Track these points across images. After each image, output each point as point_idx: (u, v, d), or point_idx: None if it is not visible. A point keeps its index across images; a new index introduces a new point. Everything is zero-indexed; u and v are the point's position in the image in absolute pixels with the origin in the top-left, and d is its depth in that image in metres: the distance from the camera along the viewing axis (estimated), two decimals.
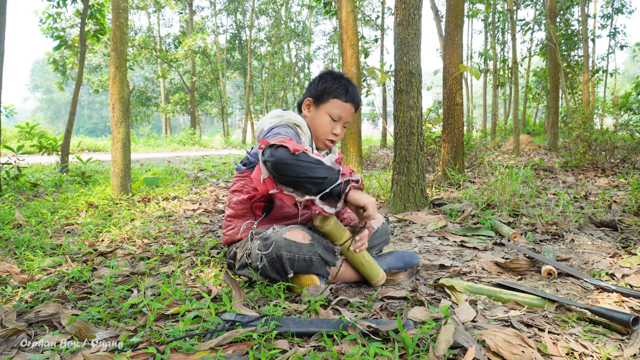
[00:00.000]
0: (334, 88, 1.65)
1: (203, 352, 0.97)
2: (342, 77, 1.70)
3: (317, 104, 1.68)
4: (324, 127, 1.66)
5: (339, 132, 1.68)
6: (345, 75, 1.73)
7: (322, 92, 1.67)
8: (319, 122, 1.67)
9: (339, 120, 1.67)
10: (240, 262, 1.53)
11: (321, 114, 1.66)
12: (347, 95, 1.66)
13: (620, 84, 23.76)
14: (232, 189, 1.66)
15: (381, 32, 15.37)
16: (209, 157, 9.80)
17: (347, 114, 1.68)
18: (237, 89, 35.56)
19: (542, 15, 12.78)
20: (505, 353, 0.97)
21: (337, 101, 1.65)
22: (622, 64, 46.77)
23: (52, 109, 57.00)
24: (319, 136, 1.68)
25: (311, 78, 1.77)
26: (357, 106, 1.71)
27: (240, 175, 1.65)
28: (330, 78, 1.68)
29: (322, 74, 1.72)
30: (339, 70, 1.78)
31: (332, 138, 1.68)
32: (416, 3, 2.91)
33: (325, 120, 1.66)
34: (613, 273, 1.61)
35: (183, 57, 18.02)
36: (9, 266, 1.64)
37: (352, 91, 1.67)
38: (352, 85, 1.69)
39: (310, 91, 1.72)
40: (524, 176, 3.74)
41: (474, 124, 19.34)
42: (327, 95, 1.66)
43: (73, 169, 5.08)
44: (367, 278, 1.50)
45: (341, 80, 1.67)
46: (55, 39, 6.20)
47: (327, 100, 1.66)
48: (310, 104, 1.70)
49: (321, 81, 1.68)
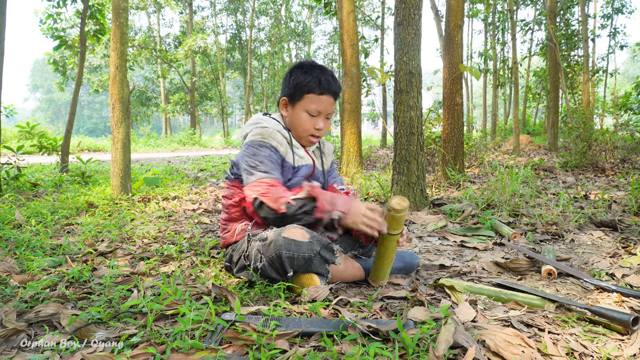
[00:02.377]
0: (305, 83, 1.55)
1: (203, 352, 0.97)
2: (313, 67, 1.58)
3: (292, 102, 1.60)
4: (304, 124, 1.58)
5: (322, 125, 1.60)
6: (316, 64, 1.61)
7: (294, 89, 1.57)
8: (298, 121, 1.59)
9: (318, 115, 1.58)
10: (239, 265, 1.52)
11: (298, 112, 1.58)
12: (321, 87, 1.55)
13: (620, 84, 23.74)
14: (224, 195, 1.67)
15: (381, 32, 15.36)
16: (209, 157, 9.80)
17: (326, 106, 1.58)
18: (237, 89, 35.56)
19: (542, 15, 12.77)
20: (505, 353, 0.97)
21: (312, 96, 1.55)
22: (622, 64, 46.79)
23: (52, 109, 56.99)
24: (301, 134, 1.61)
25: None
26: (335, 95, 1.60)
27: (230, 183, 1.64)
28: (300, 72, 1.57)
29: (291, 69, 1.61)
30: (311, 60, 1.67)
31: (316, 133, 1.61)
32: (416, 3, 2.91)
33: (304, 117, 1.58)
34: (613, 273, 1.61)
35: (183, 57, 18.02)
36: (9, 266, 1.64)
37: (325, 81, 1.56)
38: (325, 74, 1.57)
39: (284, 89, 1.63)
40: (524, 176, 3.74)
41: (474, 124, 19.36)
42: (300, 91, 1.56)
43: (73, 169, 5.08)
44: (377, 276, 1.48)
45: (312, 72, 1.56)
46: (55, 39, 6.20)
47: (302, 97, 1.57)
48: (286, 103, 1.62)
49: (292, 77, 1.58)
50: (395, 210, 1.32)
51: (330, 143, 1.81)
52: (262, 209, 1.43)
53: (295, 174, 1.58)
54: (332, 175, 1.76)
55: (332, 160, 1.79)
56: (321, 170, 1.69)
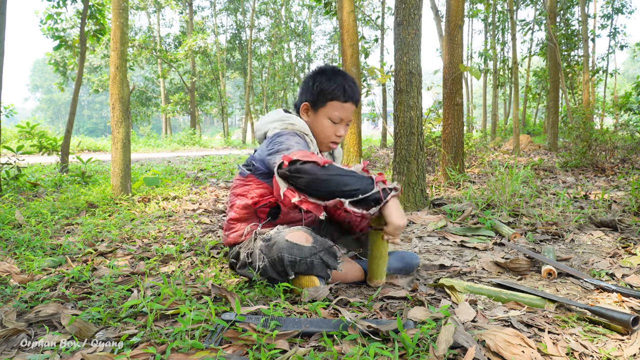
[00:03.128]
0: (330, 90, 1.55)
1: (203, 352, 0.97)
2: (336, 74, 1.58)
3: (315, 108, 1.59)
4: (326, 131, 1.58)
5: (343, 133, 1.61)
6: (338, 70, 1.61)
7: (318, 95, 1.57)
8: (320, 127, 1.58)
9: (340, 122, 1.59)
10: (242, 262, 1.52)
11: (321, 119, 1.58)
12: (346, 94, 1.56)
13: (620, 84, 23.74)
14: (236, 193, 1.60)
15: (381, 32, 15.37)
16: (209, 157, 9.80)
17: (348, 114, 1.59)
18: (237, 89, 35.55)
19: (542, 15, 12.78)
20: (505, 353, 0.97)
21: (336, 103, 1.56)
22: (622, 64, 46.78)
23: (52, 109, 57.01)
24: (322, 140, 1.61)
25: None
26: (357, 102, 1.61)
27: (243, 179, 1.59)
28: (325, 79, 1.56)
29: (314, 75, 1.61)
30: (332, 65, 1.67)
31: (336, 140, 1.61)
32: (416, 3, 2.91)
33: (326, 124, 1.58)
34: (613, 273, 1.61)
35: (183, 57, 18.02)
36: (9, 266, 1.64)
37: (349, 89, 1.57)
38: (348, 81, 1.58)
39: (305, 94, 1.61)
40: (524, 176, 3.74)
41: (474, 124, 19.35)
42: (324, 98, 1.56)
43: (73, 169, 5.08)
44: (372, 275, 1.47)
45: (336, 79, 1.56)
46: (55, 39, 6.20)
47: (325, 104, 1.56)
48: (308, 109, 1.61)
49: (315, 83, 1.57)
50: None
51: (340, 148, 1.79)
52: (305, 167, 1.28)
53: None
54: None
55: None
56: None
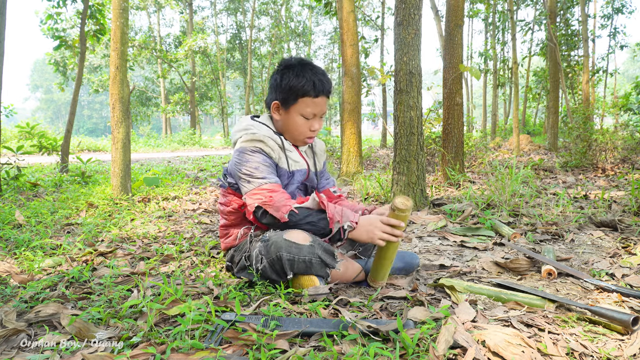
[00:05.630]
0: (300, 86, 1.47)
1: (203, 352, 0.97)
2: (304, 68, 1.49)
3: (285, 106, 1.52)
4: (300, 128, 1.54)
5: (317, 127, 1.55)
6: (305, 62, 1.53)
7: (287, 93, 1.50)
8: (293, 125, 1.53)
9: (313, 117, 1.53)
10: (239, 265, 1.52)
11: (293, 116, 1.52)
12: (316, 89, 1.48)
13: (620, 84, 23.74)
14: (220, 202, 1.63)
15: (381, 32, 15.36)
16: (209, 157, 9.80)
17: (321, 107, 1.53)
18: (237, 89, 35.57)
19: (542, 15, 12.77)
20: (505, 353, 0.97)
21: (307, 99, 1.49)
22: (622, 64, 46.77)
23: (52, 109, 57.01)
24: (297, 137, 1.57)
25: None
26: (328, 94, 1.54)
27: (224, 191, 1.61)
28: (293, 75, 1.48)
29: (282, 71, 1.51)
30: (298, 57, 1.57)
31: (311, 135, 1.57)
32: (416, 3, 2.91)
33: (299, 121, 1.52)
34: (613, 273, 1.61)
35: (183, 57, 18.02)
36: (9, 266, 1.64)
37: (319, 83, 1.49)
38: (317, 74, 1.49)
39: (275, 93, 1.54)
40: (524, 176, 3.74)
41: (474, 124, 19.34)
42: (294, 95, 1.49)
43: (73, 169, 5.08)
44: (375, 276, 1.47)
45: (305, 74, 1.47)
46: (55, 39, 6.20)
47: (296, 101, 1.50)
48: (279, 107, 1.55)
49: (284, 80, 1.49)
50: (399, 210, 1.32)
51: (321, 141, 1.76)
52: (265, 217, 1.41)
53: (291, 179, 1.57)
54: (324, 176, 1.74)
55: (324, 161, 1.76)
56: (314, 171, 1.68)
